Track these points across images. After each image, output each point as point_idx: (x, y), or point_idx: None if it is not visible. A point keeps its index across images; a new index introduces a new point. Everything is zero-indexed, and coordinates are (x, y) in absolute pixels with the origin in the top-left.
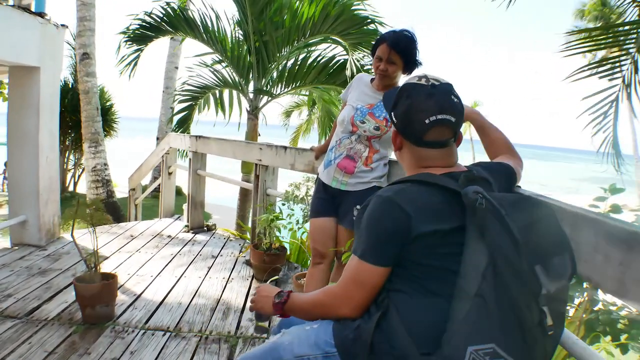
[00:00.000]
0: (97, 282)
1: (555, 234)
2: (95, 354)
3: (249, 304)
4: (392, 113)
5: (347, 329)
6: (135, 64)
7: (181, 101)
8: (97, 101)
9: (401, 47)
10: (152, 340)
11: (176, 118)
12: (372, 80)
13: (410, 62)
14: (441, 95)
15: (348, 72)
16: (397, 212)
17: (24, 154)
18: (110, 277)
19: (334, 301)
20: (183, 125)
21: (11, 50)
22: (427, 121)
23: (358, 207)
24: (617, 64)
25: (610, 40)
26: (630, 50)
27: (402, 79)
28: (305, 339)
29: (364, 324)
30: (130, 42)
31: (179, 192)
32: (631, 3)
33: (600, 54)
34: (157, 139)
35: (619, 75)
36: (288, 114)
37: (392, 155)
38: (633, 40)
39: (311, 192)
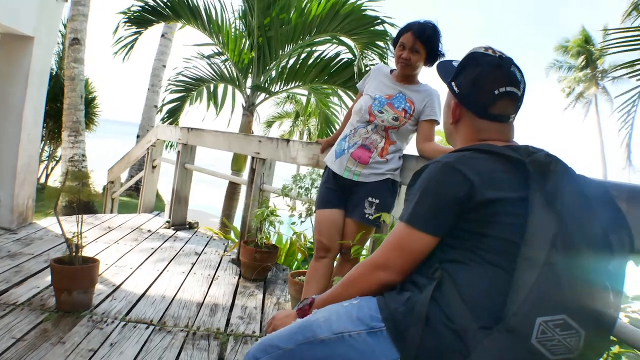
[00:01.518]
0: (78, 264)
1: (613, 209)
2: (70, 343)
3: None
4: (454, 82)
5: (396, 302)
6: (132, 47)
7: (174, 91)
8: (82, 89)
9: (426, 37)
10: (134, 333)
11: (166, 108)
12: (391, 71)
13: (433, 53)
14: (509, 67)
15: (356, 70)
16: (459, 178)
17: (6, 126)
18: (91, 261)
19: (371, 269)
20: (173, 115)
21: (7, 14)
22: (496, 92)
23: (370, 199)
24: None
25: None
26: None
27: (423, 72)
28: (345, 314)
29: (415, 296)
30: (130, 24)
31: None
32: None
33: (578, 89)
34: (138, 136)
35: None
36: (269, 124)
37: (407, 150)
38: None
39: (317, 184)
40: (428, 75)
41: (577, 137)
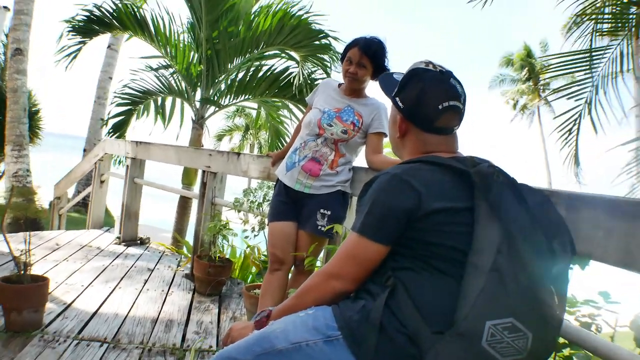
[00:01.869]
0: (27, 283)
1: (554, 216)
2: None
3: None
4: (398, 97)
5: (351, 310)
6: (75, 57)
7: (119, 104)
8: (26, 102)
9: (372, 52)
10: (88, 351)
11: (112, 122)
12: (339, 85)
13: (379, 67)
14: (450, 82)
15: (296, 82)
16: (407, 188)
17: None
18: (41, 279)
19: (325, 279)
20: (119, 130)
21: None
22: (440, 107)
23: (322, 210)
24: (582, 86)
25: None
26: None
27: (370, 86)
28: (301, 324)
29: (369, 304)
30: (75, 33)
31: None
32: None
33: (522, 101)
34: (85, 150)
35: (583, 96)
36: (220, 137)
37: (356, 162)
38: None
39: (269, 197)
40: (375, 89)
41: (524, 146)
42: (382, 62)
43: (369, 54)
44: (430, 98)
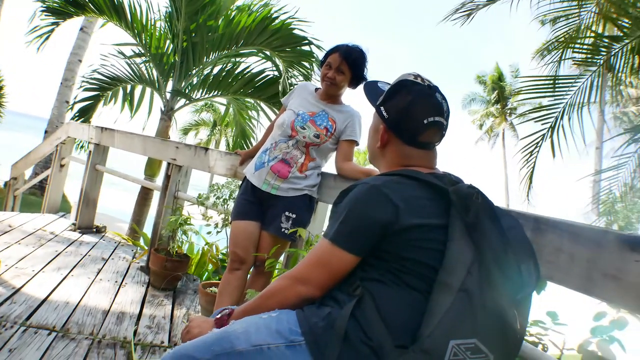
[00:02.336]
0: None
1: (524, 241)
2: None
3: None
4: (383, 107)
5: (316, 316)
6: (48, 38)
7: (87, 89)
8: None
9: (352, 59)
10: (35, 339)
11: (78, 106)
12: (316, 90)
13: (358, 76)
14: (437, 97)
15: (280, 88)
16: (385, 201)
17: None
18: None
19: (292, 283)
20: (85, 115)
21: None
22: (425, 121)
23: (287, 213)
24: (550, 111)
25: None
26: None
27: (347, 94)
28: (264, 327)
29: (335, 312)
30: (48, 13)
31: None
32: None
33: (489, 122)
34: (46, 132)
35: (549, 120)
36: (186, 131)
37: (326, 168)
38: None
39: (235, 195)
40: (351, 97)
41: (485, 167)
42: (361, 71)
43: (348, 61)
44: (417, 111)
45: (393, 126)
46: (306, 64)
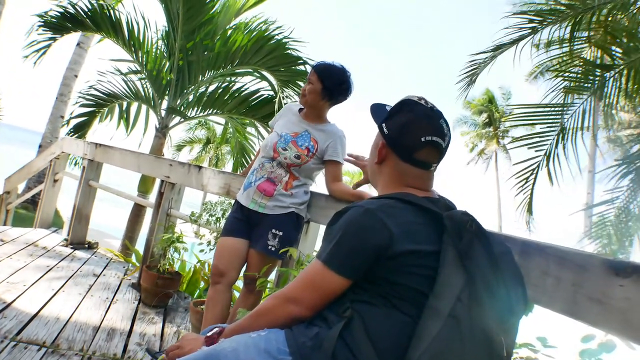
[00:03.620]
0: None
1: (514, 268)
2: None
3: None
4: (384, 124)
5: (304, 336)
6: (45, 52)
7: (83, 105)
8: None
9: (320, 69)
10: (25, 354)
11: (74, 122)
12: (300, 110)
13: (329, 86)
14: (438, 119)
15: (276, 107)
16: (380, 227)
17: None
18: None
19: (282, 302)
20: (80, 130)
21: None
22: (422, 139)
23: (273, 231)
24: (543, 138)
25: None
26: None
27: (330, 112)
28: (252, 346)
29: (324, 332)
30: (46, 28)
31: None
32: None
33: (481, 145)
34: (40, 146)
35: (544, 147)
36: (179, 148)
37: (312, 187)
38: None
39: (227, 214)
40: (337, 116)
41: (477, 190)
42: (330, 80)
43: (316, 70)
44: (415, 129)
45: (391, 142)
46: (301, 83)
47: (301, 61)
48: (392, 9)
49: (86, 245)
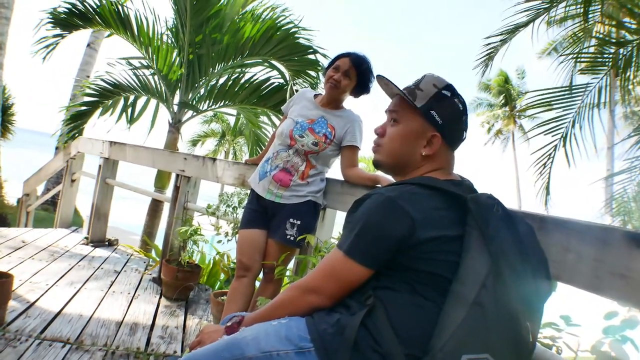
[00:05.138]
0: None
1: (537, 249)
2: None
3: (188, 344)
4: (434, 112)
5: (325, 323)
6: (53, 49)
7: (87, 94)
8: (0, 95)
9: (362, 68)
10: (50, 351)
11: (72, 111)
12: (315, 96)
13: (362, 85)
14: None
15: (287, 96)
16: (401, 215)
17: None
18: (4, 276)
19: (302, 293)
20: (78, 120)
21: None
22: (465, 131)
23: (291, 220)
24: (560, 122)
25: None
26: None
27: (348, 101)
28: (273, 333)
29: (345, 319)
30: (54, 25)
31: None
32: None
33: (498, 125)
34: (57, 148)
35: (560, 131)
36: (194, 142)
37: (331, 173)
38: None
39: (245, 204)
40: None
41: (495, 170)
42: (366, 80)
43: (358, 68)
44: (464, 121)
45: (446, 132)
46: (312, 72)
47: (311, 50)
48: None
49: (106, 243)
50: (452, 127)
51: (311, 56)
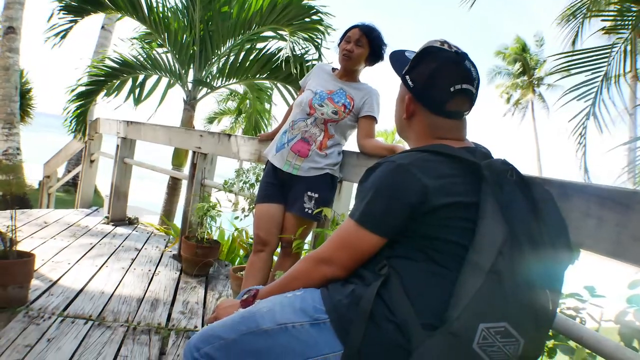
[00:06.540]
0: (12, 259)
1: (557, 215)
2: (5, 339)
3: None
4: (408, 76)
5: (340, 294)
6: (65, 35)
7: (93, 74)
8: (17, 80)
9: (373, 35)
10: (72, 328)
11: (80, 90)
12: (333, 70)
13: (375, 52)
14: (465, 64)
15: (283, 52)
16: (413, 182)
17: None
18: (27, 256)
19: (316, 264)
20: (84, 98)
21: None
22: (452, 89)
23: (309, 193)
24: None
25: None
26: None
27: (363, 73)
28: (288, 305)
29: (360, 289)
30: (66, 12)
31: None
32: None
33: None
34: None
35: (590, 96)
36: (211, 120)
37: (347, 146)
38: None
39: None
40: (370, 76)
41: (515, 140)
42: (379, 47)
43: (368, 36)
44: (443, 79)
45: (419, 95)
46: (317, 33)
47: (314, 10)
48: None
49: (126, 222)
50: (426, 89)
51: (314, 17)
